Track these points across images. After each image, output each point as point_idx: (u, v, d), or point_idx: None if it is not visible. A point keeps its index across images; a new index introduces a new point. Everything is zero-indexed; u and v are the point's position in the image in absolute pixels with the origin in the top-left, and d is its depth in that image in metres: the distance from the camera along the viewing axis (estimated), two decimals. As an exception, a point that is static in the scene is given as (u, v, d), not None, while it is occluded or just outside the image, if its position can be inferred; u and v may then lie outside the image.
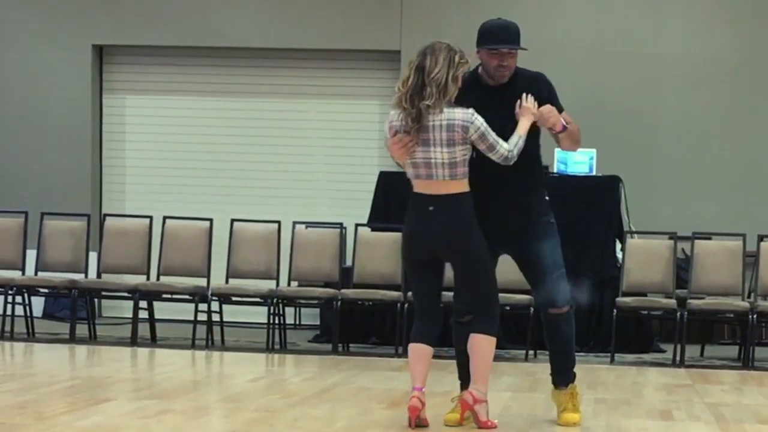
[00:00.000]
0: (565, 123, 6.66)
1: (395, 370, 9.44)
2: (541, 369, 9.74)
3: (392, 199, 11.82)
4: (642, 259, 10.90)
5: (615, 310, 10.63)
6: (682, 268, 11.32)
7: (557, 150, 12.01)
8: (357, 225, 11.37)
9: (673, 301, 10.69)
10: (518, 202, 6.62)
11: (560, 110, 6.68)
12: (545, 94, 6.64)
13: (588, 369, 9.89)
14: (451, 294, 6.72)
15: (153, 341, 11.05)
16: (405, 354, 10.48)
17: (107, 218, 11.77)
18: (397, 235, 11.05)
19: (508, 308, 10.84)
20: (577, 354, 11.03)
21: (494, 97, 6.56)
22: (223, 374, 9.33)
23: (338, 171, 13.57)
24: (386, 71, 13.44)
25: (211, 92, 13.76)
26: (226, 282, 11.19)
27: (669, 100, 13.01)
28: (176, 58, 13.80)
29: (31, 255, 11.49)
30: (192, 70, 13.80)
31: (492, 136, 6.39)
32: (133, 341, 10.85)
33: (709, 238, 11.20)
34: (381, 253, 11.04)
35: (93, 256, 11.55)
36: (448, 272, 6.60)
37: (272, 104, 13.72)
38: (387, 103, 13.44)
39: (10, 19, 13.72)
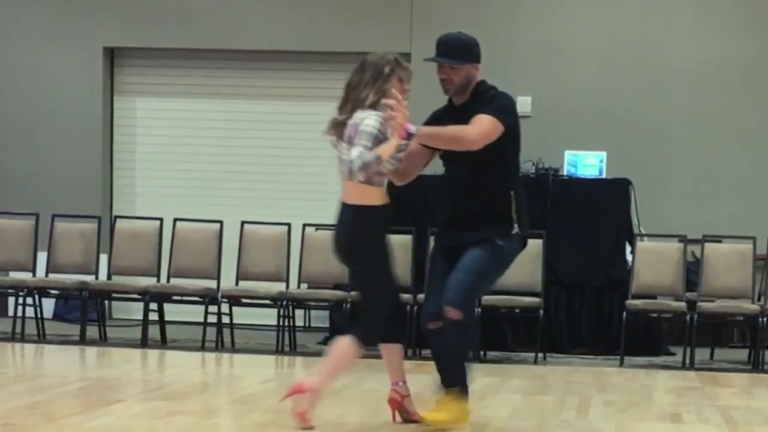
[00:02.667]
0: (409, 131, 6.14)
1: (405, 372, 9.43)
2: (551, 371, 9.76)
3: (402, 202, 11.79)
4: (652, 261, 10.89)
5: (625, 313, 10.63)
6: (692, 271, 11.31)
7: (567, 153, 12.04)
8: (367, 227, 11.36)
9: (683, 304, 10.68)
10: (473, 232, 6.41)
11: (485, 111, 6.30)
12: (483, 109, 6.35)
13: (598, 372, 9.90)
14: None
15: (163, 343, 11.07)
16: (415, 356, 10.53)
17: (118, 220, 11.80)
18: (406, 238, 11.09)
19: (517, 311, 10.87)
20: (586, 357, 11.14)
21: (456, 115, 6.46)
22: (233, 376, 9.35)
23: (348, 173, 13.56)
24: (396, 74, 13.42)
25: (222, 95, 13.77)
26: (236, 284, 11.21)
27: (679, 103, 12.99)
28: (187, 61, 13.82)
29: (42, 257, 11.52)
30: (203, 72, 13.81)
31: (363, 141, 6.20)
32: (144, 343, 10.88)
33: (719, 241, 11.19)
34: (391, 255, 11.03)
35: (103, 258, 11.57)
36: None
37: (282, 107, 13.73)
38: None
39: (22, 22, 13.75)
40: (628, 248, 11.38)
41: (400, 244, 11.08)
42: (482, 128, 6.28)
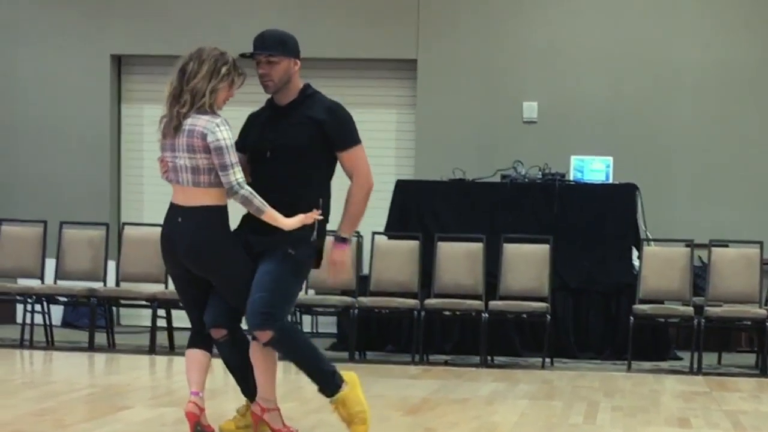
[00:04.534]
0: (343, 238, 6.26)
1: (412, 377, 9.46)
2: (558, 377, 9.76)
3: (409, 208, 11.85)
4: (659, 266, 10.89)
5: (632, 318, 10.63)
6: (699, 276, 11.32)
7: (573, 158, 12.05)
8: (374, 233, 11.40)
9: (690, 309, 10.68)
10: (266, 237, 6.12)
11: (349, 145, 6.26)
12: (330, 128, 6.22)
13: (605, 377, 9.90)
14: None
15: (171, 349, 11.08)
16: (422, 361, 10.54)
17: (126, 227, 11.82)
18: (413, 243, 11.10)
19: (525, 316, 10.87)
20: (593, 361, 11.13)
21: (280, 116, 6.35)
22: (241, 382, 9.34)
23: (355, 179, 13.56)
24: (403, 80, 13.47)
25: (228, 102, 13.74)
26: (244, 290, 11.20)
27: (685, 108, 13.00)
28: (194, 68, 13.83)
29: (51, 264, 11.54)
30: (209, 79, 13.81)
31: (231, 158, 6.13)
32: (152, 349, 10.89)
33: (726, 246, 11.19)
34: (398, 261, 11.06)
35: (112, 265, 11.60)
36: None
37: (289, 113, 13.73)
38: (404, 112, 13.61)
39: (29, 30, 13.79)
40: (635, 253, 11.38)
41: (406, 249, 11.10)
42: (367, 169, 6.35)
